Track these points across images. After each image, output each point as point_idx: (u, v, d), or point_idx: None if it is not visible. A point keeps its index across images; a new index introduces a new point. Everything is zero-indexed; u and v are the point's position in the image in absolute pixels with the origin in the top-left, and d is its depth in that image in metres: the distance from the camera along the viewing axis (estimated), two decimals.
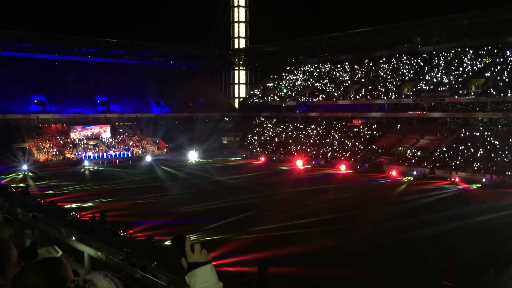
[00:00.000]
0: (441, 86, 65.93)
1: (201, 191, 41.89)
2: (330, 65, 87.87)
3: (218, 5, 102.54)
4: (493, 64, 64.42)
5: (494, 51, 66.33)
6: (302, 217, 31.13)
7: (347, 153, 64.59)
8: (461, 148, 55.65)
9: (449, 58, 71.24)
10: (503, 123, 59.15)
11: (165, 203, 36.45)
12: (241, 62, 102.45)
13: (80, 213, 32.35)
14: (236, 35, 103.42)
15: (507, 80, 59.80)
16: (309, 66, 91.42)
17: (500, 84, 59.90)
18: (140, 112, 79.71)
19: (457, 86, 64.27)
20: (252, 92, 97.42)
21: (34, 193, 39.26)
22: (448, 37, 71.63)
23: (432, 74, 69.42)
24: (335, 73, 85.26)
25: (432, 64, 71.90)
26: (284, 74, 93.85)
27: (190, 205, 35.32)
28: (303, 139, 74.33)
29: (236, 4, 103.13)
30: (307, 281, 20.33)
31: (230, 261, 20.63)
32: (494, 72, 62.97)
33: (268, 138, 79.62)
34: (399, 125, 68.10)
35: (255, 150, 75.30)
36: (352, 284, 20.24)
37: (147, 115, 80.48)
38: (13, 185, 43.34)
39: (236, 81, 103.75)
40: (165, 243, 23.64)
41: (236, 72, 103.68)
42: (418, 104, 66.46)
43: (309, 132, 76.06)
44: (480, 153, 53.20)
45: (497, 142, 54.29)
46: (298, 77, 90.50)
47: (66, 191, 41.50)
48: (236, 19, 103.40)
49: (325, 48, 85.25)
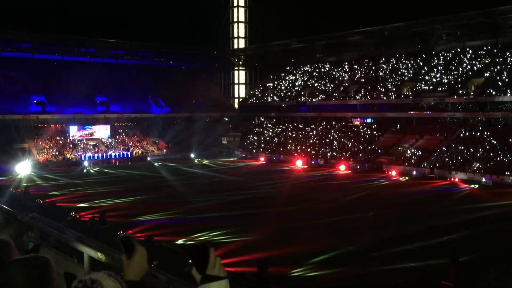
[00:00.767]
0: (440, 86, 65.91)
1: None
2: (329, 65, 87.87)
3: (218, 5, 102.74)
4: (492, 64, 64.42)
5: (494, 51, 66.33)
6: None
7: (346, 153, 64.61)
8: (460, 148, 55.69)
9: (448, 58, 71.26)
10: (502, 123, 59.18)
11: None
12: (240, 62, 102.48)
13: (79, 213, 32.32)
14: (235, 35, 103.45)
15: (507, 80, 59.81)
16: (309, 66, 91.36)
17: (500, 84, 59.93)
18: (140, 112, 79.62)
19: (456, 86, 64.26)
20: (251, 92, 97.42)
21: (34, 193, 39.20)
22: (447, 37, 71.66)
23: (431, 74, 69.43)
24: (334, 73, 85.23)
25: (432, 64, 71.91)
26: (283, 74, 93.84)
27: None
28: (303, 139, 74.32)
29: (235, 4, 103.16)
30: (307, 281, 20.34)
31: (230, 261, 20.59)
32: (493, 72, 62.97)
33: (268, 138, 79.61)
34: (398, 125, 68.14)
35: (254, 150, 75.31)
36: (353, 284, 20.24)
37: (147, 115, 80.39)
38: (13, 185, 43.24)
39: (236, 81, 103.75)
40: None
41: (236, 72, 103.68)
42: (418, 104, 66.47)
43: (309, 132, 76.06)
44: (479, 153, 53.24)
45: (496, 142, 54.33)
46: (298, 77, 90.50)
47: (66, 191, 41.46)
48: (235, 19, 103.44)
49: (325, 48, 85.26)
